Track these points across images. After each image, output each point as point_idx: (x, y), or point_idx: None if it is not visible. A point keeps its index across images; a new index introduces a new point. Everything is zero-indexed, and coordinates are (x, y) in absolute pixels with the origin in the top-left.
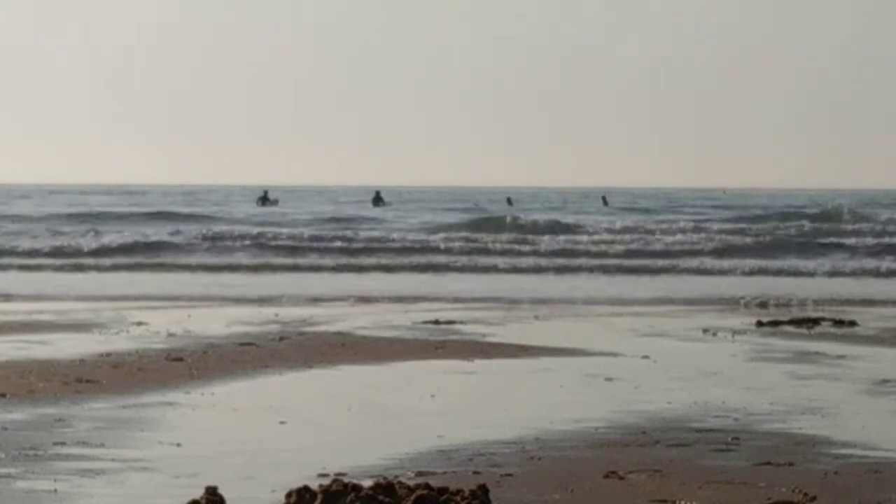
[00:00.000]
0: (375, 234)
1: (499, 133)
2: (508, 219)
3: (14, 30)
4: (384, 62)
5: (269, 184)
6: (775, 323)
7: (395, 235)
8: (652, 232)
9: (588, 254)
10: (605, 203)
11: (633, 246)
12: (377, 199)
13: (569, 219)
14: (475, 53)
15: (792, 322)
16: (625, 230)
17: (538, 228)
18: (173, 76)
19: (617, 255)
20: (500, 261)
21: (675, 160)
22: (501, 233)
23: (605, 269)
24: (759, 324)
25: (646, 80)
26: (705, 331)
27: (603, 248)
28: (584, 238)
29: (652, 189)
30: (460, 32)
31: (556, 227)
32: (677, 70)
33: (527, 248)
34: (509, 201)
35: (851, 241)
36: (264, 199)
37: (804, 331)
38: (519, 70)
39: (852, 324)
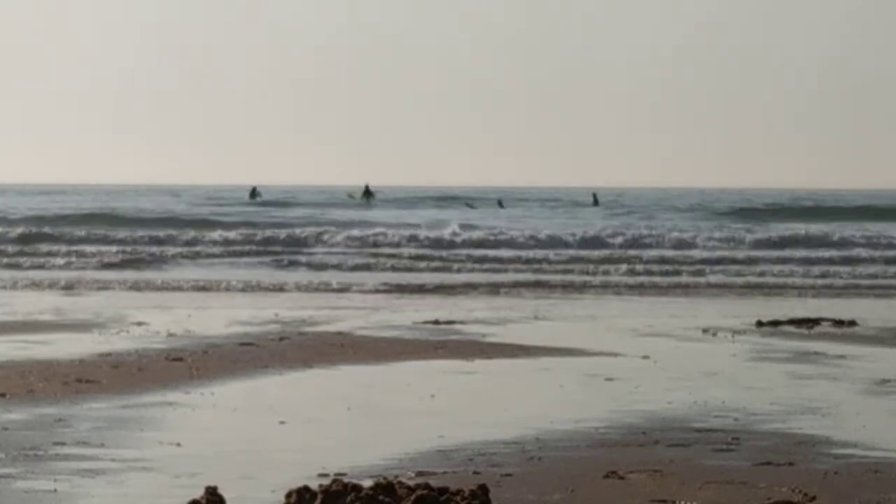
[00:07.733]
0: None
1: (498, 133)
2: None
3: (14, 30)
4: (383, 62)
5: (269, 184)
6: (775, 323)
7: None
8: None
9: None
10: (596, 202)
11: None
12: (366, 193)
13: None
14: (475, 53)
15: (792, 322)
16: None
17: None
18: (172, 76)
19: None
20: None
21: (676, 160)
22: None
23: None
24: (759, 324)
25: (646, 79)
26: (705, 331)
27: None
28: None
29: (650, 189)
30: (460, 32)
31: None
32: (677, 70)
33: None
34: (500, 203)
35: None
36: (253, 195)
37: (804, 331)
38: (519, 70)
39: (852, 324)
